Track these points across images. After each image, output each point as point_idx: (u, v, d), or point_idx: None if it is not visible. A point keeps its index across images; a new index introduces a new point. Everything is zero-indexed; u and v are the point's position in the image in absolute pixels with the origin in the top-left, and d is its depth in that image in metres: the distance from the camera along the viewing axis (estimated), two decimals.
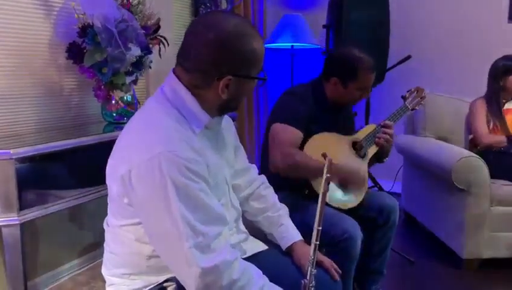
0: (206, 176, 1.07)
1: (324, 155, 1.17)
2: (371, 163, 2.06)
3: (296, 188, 1.76)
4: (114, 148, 1.13)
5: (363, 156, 1.99)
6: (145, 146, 1.03)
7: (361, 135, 2.02)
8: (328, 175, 1.09)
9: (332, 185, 1.84)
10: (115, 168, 1.09)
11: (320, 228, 1.10)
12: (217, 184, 1.16)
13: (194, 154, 1.05)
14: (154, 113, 1.12)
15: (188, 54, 1.12)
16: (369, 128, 2.04)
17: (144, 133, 1.08)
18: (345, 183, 1.87)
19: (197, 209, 1.02)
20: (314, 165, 1.74)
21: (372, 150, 2.02)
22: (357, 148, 1.99)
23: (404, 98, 2.19)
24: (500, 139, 2.74)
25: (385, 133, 2.00)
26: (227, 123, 1.34)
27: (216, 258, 1.02)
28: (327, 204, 1.79)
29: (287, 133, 1.83)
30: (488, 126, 2.81)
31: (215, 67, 1.08)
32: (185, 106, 1.12)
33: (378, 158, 2.08)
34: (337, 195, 1.85)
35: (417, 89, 2.20)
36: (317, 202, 1.12)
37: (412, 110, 2.17)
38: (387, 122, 2.03)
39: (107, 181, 1.13)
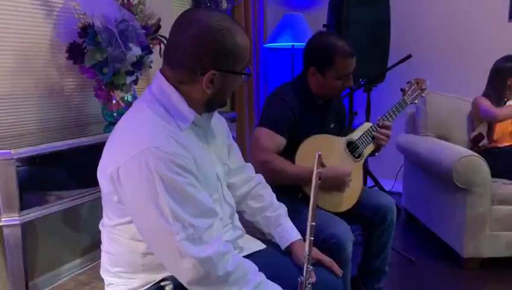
0: (194, 170, 1.09)
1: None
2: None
3: (289, 192, 1.74)
4: (104, 149, 1.14)
5: (358, 157, 1.97)
6: (132, 143, 1.04)
7: (356, 134, 1.98)
8: (319, 170, 1.09)
9: (325, 188, 1.83)
10: (104, 167, 1.10)
11: (314, 224, 1.11)
12: (206, 179, 1.17)
13: (181, 149, 1.06)
14: (140, 111, 1.14)
15: (172, 50, 1.15)
16: (364, 127, 2.01)
17: (130, 131, 1.10)
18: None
19: (186, 203, 1.04)
20: (291, 171, 1.75)
21: (368, 150, 2.00)
22: (352, 148, 1.96)
23: (403, 91, 2.12)
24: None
25: (382, 134, 1.97)
26: (218, 122, 1.36)
27: (209, 249, 1.04)
28: (319, 207, 1.78)
29: (267, 139, 1.80)
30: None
31: (198, 61, 1.10)
32: (171, 103, 1.14)
33: (370, 153, 2.05)
34: (329, 198, 1.83)
35: (417, 80, 2.12)
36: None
37: (411, 103, 2.10)
38: (385, 123, 2.00)
39: (99, 182, 1.15)
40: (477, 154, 2.49)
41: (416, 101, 2.12)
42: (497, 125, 2.81)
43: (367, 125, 2.02)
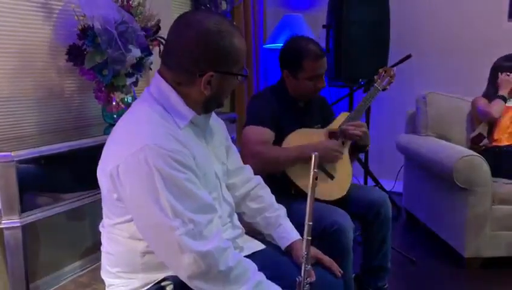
0: (193, 166, 1.10)
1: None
2: (353, 154, 2.08)
3: (282, 189, 1.76)
4: (103, 149, 1.16)
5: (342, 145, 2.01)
6: (131, 141, 1.05)
7: (336, 124, 2.04)
8: (316, 170, 1.10)
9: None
10: (104, 166, 1.12)
11: (311, 223, 1.12)
12: (205, 176, 1.18)
13: (180, 146, 1.08)
14: (139, 110, 1.16)
15: (170, 52, 1.16)
16: (343, 116, 2.06)
17: (129, 130, 1.11)
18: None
19: (186, 199, 1.05)
20: (284, 153, 1.82)
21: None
22: (334, 138, 2.00)
23: (373, 81, 2.22)
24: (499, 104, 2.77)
25: (351, 125, 1.97)
26: (217, 123, 1.38)
27: (209, 244, 1.05)
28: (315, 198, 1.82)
29: (255, 134, 1.85)
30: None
31: (197, 63, 1.12)
32: (169, 102, 1.15)
33: (359, 148, 2.08)
34: (322, 187, 1.87)
35: (385, 69, 2.23)
36: (305, 200, 1.13)
37: (383, 90, 2.18)
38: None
39: (99, 182, 1.16)
40: (478, 154, 2.49)
41: (387, 88, 2.21)
42: (498, 124, 2.81)
43: (345, 114, 2.07)
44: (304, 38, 1.96)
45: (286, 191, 1.82)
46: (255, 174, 1.60)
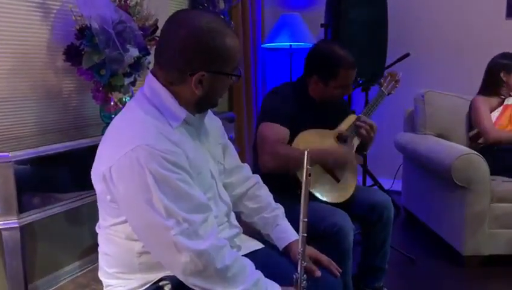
0: (186, 166, 1.09)
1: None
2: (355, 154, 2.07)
3: (288, 189, 1.76)
4: (97, 150, 1.15)
5: None
6: (123, 142, 1.05)
7: (344, 126, 2.04)
8: (309, 167, 1.10)
9: (323, 180, 1.85)
10: (97, 168, 1.12)
11: (306, 220, 1.12)
12: (200, 176, 1.17)
13: (172, 145, 1.07)
14: (131, 111, 1.16)
15: (162, 51, 1.15)
16: (351, 118, 2.05)
17: (121, 131, 1.11)
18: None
19: (179, 199, 1.04)
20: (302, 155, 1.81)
21: (356, 141, 2.04)
22: (342, 140, 2.00)
23: (379, 84, 2.22)
24: (510, 134, 2.73)
25: (363, 122, 2.00)
26: (213, 121, 1.37)
27: (205, 243, 1.05)
28: (317, 199, 1.84)
29: (272, 131, 1.85)
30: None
31: (187, 63, 1.11)
32: (161, 102, 1.15)
33: (360, 149, 2.09)
34: (328, 189, 1.88)
35: (390, 73, 2.23)
36: (311, 200, 1.13)
37: (388, 94, 2.19)
38: (361, 116, 2.03)
39: (93, 183, 1.16)
40: (476, 152, 2.49)
41: (392, 92, 2.21)
42: (496, 123, 2.81)
43: (353, 117, 2.07)
44: (338, 45, 1.94)
45: (291, 191, 1.81)
46: (272, 172, 1.59)
